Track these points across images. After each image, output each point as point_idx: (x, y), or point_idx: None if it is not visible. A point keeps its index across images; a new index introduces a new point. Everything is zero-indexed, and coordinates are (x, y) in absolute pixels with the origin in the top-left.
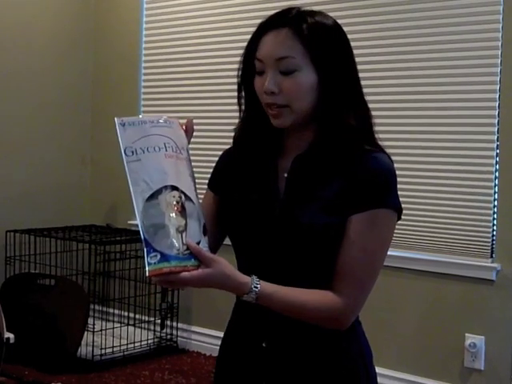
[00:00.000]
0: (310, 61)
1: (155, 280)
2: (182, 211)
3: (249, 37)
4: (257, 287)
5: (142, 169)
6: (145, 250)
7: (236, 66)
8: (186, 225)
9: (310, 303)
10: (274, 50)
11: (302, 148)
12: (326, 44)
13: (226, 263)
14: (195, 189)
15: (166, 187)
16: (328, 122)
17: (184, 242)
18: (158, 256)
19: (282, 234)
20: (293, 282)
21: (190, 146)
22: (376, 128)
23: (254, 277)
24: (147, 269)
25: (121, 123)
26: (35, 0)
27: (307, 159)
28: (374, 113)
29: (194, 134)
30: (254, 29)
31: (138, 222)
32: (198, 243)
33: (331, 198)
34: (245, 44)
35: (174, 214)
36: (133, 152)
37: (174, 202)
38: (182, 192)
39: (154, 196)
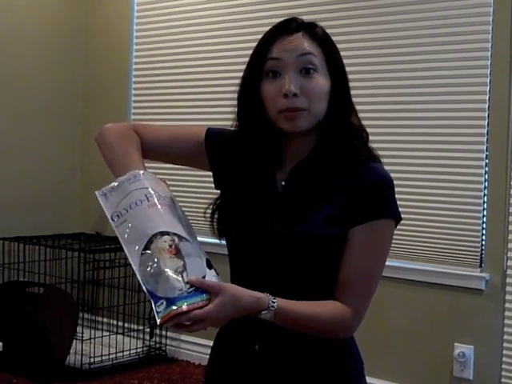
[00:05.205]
0: (325, 64)
1: (171, 326)
2: (177, 253)
3: (244, 43)
4: (274, 301)
5: (130, 227)
6: (152, 302)
7: (229, 73)
8: (184, 265)
9: (322, 316)
10: (296, 46)
11: (302, 156)
12: (335, 50)
13: (234, 286)
14: (188, 229)
15: (155, 235)
16: (335, 129)
17: (185, 280)
18: (164, 303)
19: (279, 244)
20: (291, 294)
21: None
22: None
23: (267, 293)
24: (157, 318)
25: (101, 194)
26: (24, 5)
27: (306, 167)
28: (365, 122)
29: None
30: (249, 34)
31: (138, 278)
32: (203, 278)
33: (330, 209)
34: (238, 50)
35: (169, 258)
36: (118, 216)
37: (167, 246)
38: (175, 234)
39: (146, 248)
